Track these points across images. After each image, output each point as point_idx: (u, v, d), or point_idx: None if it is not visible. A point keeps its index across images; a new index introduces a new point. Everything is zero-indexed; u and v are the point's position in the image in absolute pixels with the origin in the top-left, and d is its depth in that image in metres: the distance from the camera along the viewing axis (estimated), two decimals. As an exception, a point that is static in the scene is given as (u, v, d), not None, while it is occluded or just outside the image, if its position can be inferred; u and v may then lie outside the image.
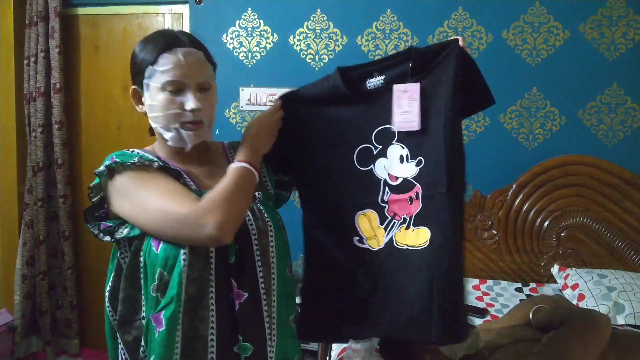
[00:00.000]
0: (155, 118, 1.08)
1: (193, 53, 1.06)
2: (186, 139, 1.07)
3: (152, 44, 1.06)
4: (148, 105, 1.08)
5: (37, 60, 2.83)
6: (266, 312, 1.08)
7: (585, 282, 2.15)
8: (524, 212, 2.45)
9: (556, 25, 2.44)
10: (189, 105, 1.04)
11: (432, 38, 2.54)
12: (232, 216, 0.98)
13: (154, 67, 1.04)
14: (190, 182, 1.09)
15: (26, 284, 2.90)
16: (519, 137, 2.52)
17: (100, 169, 1.04)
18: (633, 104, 2.41)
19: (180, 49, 1.04)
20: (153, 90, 1.05)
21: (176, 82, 1.04)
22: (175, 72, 1.03)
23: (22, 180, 2.94)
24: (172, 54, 1.03)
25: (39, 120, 2.85)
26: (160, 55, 1.03)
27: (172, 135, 1.07)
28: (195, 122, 1.06)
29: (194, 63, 1.05)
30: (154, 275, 1.01)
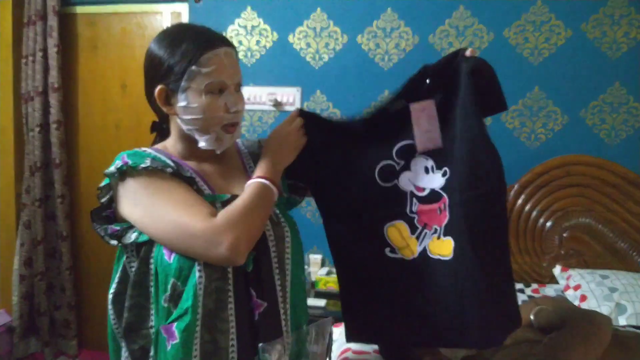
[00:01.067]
0: (191, 121, 1.02)
1: (230, 53, 1.03)
2: (224, 141, 1.04)
3: (187, 43, 1.00)
4: (181, 107, 1.01)
5: (35, 60, 2.82)
6: (284, 321, 1.05)
7: (587, 283, 2.14)
8: (526, 213, 2.44)
9: (558, 24, 2.42)
10: (233, 106, 1.02)
11: (433, 37, 2.53)
12: (247, 237, 0.95)
13: (198, 69, 0.98)
14: (204, 185, 1.05)
15: (24, 284, 2.88)
16: (521, 136, 2.50)
17: (110, 170, 1.01)
18: (635, 103, 2.40)
19: (220, 48, 1.00)
20: (193, 93, 1.00)
21: (221, 83, 1.00)
22: (219, 73, 1.00)
23: (20, 180, 2.92)
24: (214, 53, 0.99)
25: (36, 120, 2.84)
26: (202, 55, 0.99)
27: (208, 138, 1.03)
28: (235, 123, 1.05)
29: (232, 62, 1.03)
30: (166, 286, 0.97)
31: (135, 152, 1.04)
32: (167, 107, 1.05)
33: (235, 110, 1.02)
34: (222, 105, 1.01)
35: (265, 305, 1.02)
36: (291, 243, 1.09)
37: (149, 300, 1.01)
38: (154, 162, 1.00)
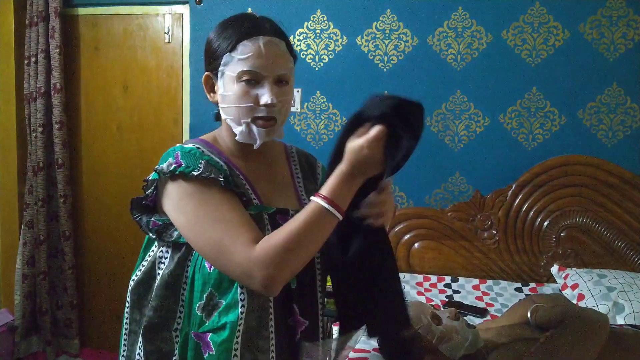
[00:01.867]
0: (226, 109, 0.99)
1: (275, 42, 0.96)
2: (256, 135, 0.97)
3: (231, 29, 0.97)
4: (220, 95, 0.99)
5: (37, 61, 2.83)
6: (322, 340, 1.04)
7: (585, 282, 2.15)
8: (524, 212, 2.45)
9: (556, 25, 2.44)
10: (263, 99, 0.94)
11: (432, 38, 2.54)
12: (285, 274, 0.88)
13: (232, 54, 0.95)
14: (253, 194, 1.00)
15: (26, 284, 2.90)
16: (519, 137, 2.52)
17: (162, 168, 0.95)
18: (633, 104, 2.41)
19: (262, 37, 0.95)
20: (227, 79, 0.96)
21: (253, 72, 0.94)
22: (253, 61, 0.94)
23: (23, 181, 2.94)
24: (253, 41, 0.94)
25: (39, 121, 2.86)
26: (239, 42, 0.95)
27: (241, 130, 0.98)
28: (269, 118, 0.96)
29: (274, 53, 0.96)
30: (203, 294, 0.94)
31: (190, 151, 0.97)
32: (211, 94, 1.03)
33: (266, 103, 0.94)
34: (253, 96, 0.95)
35: (306, 324, 1.00)
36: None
37: (179, 303, 0.99)
38: (208, 168, 0.94)
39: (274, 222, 0.99)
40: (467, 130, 2.56)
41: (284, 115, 0.99)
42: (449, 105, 2.56)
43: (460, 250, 2.50)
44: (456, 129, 2.57)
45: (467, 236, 2.50)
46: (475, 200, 2.50)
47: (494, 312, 2.11)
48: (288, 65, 0.98)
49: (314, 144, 2.70)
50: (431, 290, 2.34)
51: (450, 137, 2.58)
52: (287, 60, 0.98)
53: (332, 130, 2.68)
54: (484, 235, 2.49)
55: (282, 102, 0.97)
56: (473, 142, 2.56)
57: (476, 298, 2.27)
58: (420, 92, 2.58)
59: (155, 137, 2.94)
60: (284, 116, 0.99)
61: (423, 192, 2.62)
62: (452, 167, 2.58)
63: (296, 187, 1.10)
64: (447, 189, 2.60)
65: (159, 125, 2.94)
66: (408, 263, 2.55)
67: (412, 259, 2.55)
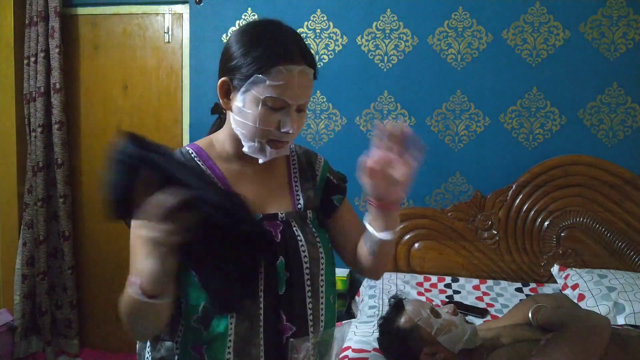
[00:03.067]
0: (241, 124, 0.97)
1: (307, 72, 0.96)
2: (267, 154, 0.98)
3: (264, 48, 0.93)
4: (237, 108, 0.97)
5: (37, 60, 2.83)
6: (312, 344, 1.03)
7: (586, 282, 2.15)
8: (524, 212, 2.45)
9: (556, 25, 2.44)
10: (285, 127, 0.95)
11: (432, 38, 2.54)
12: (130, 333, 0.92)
13: (264, 77, 0.92)
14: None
15: (26, 284, 2.90)
16: (519, 137, 2.52)
17: None
18: (633, 103, 2.41)
19: (297, 66, 0.93)
20: (251, 98, 0.94)
21: (281, 101, 0.94)
22: (284, 90, 0.93)
23: (22, 180, 2.93)
24: (288, 69, 0.92)
25: (38, 120, 2.85)
26: (274, 67, 0.92)
27: (252, 146, 0.98)
28: (284, 142, 0.98)
29: (305, 84, 0.96)
30: (197, 308, 0.96)
31: None
32: (225, 100, 1.01)
33: (286, 131, 0.95)
34: (275, 122, 0.95)
35: (293, 330, 1.00)
36: (325, 264, 1.05)
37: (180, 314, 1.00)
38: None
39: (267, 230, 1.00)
40: (468, 130, 2.56)
41: (295, 136, 1.01)
42: (449, 105, 2.56)
43: (461, 250, 2.50)
44: (456, 129, 2.57)
45: (468, 236, 2.50)
46: (476, 200, 2.50)
47: (495, 313, 2.11)
48: (310, 93, 0.99)
49: (314, 144, 2.70)
50: (431, 291, 2.34)
51: (451, 137, 2.58)
52: (311, 88, 0.99)
53: (332, 130, 2.68)
54: (485, 235, 2.49)
55: (297, 128, 0.98)
56: (473, 142, 2.56)
57: (476, 298, 2.27)
58: (420, 92, 2.58)
59: (155, 137, 2.89)
60: (294, 138, 1.01)
61: (423, 192, 2.62)
62: (452, 167, 2.58)
63: (292, 189, 1.09)
64: (447, 189, 2.60)
65: (158, 125, 2.94)
66: (408, 263, 2.55)
67: (412, 259, 2.55)
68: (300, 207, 1.07)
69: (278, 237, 1.00)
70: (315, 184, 1.13)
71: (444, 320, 1.47)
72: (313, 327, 1.02)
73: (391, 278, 2.44)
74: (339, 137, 2.67)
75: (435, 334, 1.44)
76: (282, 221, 1.02)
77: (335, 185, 1.16)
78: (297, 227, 1.03)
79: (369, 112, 2.64)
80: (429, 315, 1.47)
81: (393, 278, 2.44)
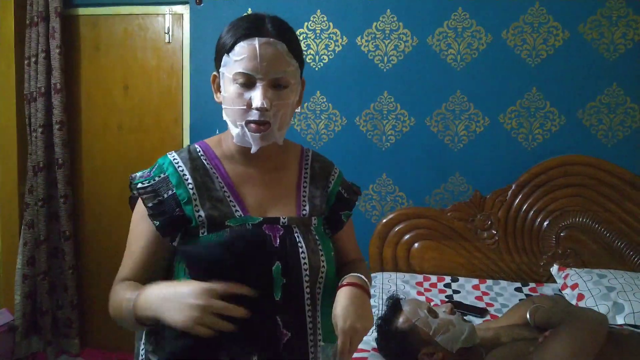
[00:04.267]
0: (225, 111, 0.98)
1: (272, 44, 0.93)
2: (250, 139, 0.95)
3: (233, 30, 0.96)
4: (222, 96, 0.98)
5: (37, 61, 2.84)
6: (312, 354, 1.00)
7: (585, 282, 2.15)
8: (524, 212, 2.46)
9: (555, 25, 2.44)
10: (255, 102, 0.92)
11: (432, 38, 2.55)
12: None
13: (229, 55, 0.94)
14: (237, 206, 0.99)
15: (27, 284, 2.90)
16: (519, 137, 2.52)
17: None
18: (632, 104, 2.41)
19: (258, 38, 0.92)
20: (226, 80, 0.96)
21: (246, 75, 0.92)
22: (247, 63, 0.92)
23: (23, 181, 2.94)
24: (248, 42, 0.92)
25: (39, 121, 2.86)
26: (236, 43, 0.93)
27: (237, 133, 0.96)
28: (262, 122, 0.94)
29: (271, 56, 0.93)
30: None
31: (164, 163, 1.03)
32: (217, 94, 1.02)
33: (257, 106, 0.92)
34: (246, 99, 0.93)
35: (288, 336, 0.96)
36: (326, 273, 1.02)
37: None
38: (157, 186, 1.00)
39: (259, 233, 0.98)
40: (467, 130, 2.56)
41: (282, 119, 0.97)
42: (449, 105, 2.57)
43: (460, 250, 2.51)
44: (456, 129, 2.57)
45: (467, 236, 2.50)
46: (475, 200, 2.50)
47: (494, 312, 2.12)
48: (287, 68, 0.95)
49: (314, 144, 2.70)
50: (431, 290, 2.34)
51: (450, 137, 2.58)
52: (286, 62, 0.95)
53: (332, 130, 2.69)
54: (484, 235, 2.49)
55: (277, 106, 0.94)
56: (473, 142, 2.56)
57: (476, 298, 2.27)
58: (420, 92, 2.58)
59: (156, 137, 2.95)
60: (281, 120, 0.97)
61: (423, 192, 2.62)
62: (452, 167, 2.59)
63: (299, 194, 1.07)
64: (447, 189, 2.60)
65: (159, 125, 2.94)
66: (408, 263, 2.56)
67: (412, 258, 2.55)
68: (305, 213, 1.04)
69: (277, 242, 0.98)
70: (325, 194, 1.10)
71: (441, 320, 1.47)
72: (312, 336, 1.00)
73: (391, 278, 2.44)
74: (339, 137, 2.68)
75: (433, 334, 1.45)
76: (283, 226, 1.00)
77: (346, 199, 1.14)
78: (299, 233, 1.00)
79: (369, 112, 2.64)
80: (426, 315, 1.48)
81: (393, 278, 2.44)
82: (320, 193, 1.09)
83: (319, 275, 1.00)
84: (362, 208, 2.68)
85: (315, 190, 1.09)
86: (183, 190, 0.98)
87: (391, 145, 2.64)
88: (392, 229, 2.56)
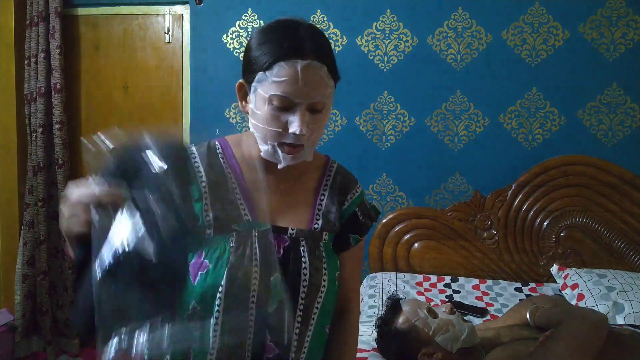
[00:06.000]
0: (255, 126, 0.94)
1: (314, 67, 0.88)
2: (281, 159, 0.93)
3: (271, 44, 0.89)
4: (251, 109, 0.94)
5: (37, 61, 2.83)
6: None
7: (585, 282, 2.15)
8: (524, 212, 2.46)
9: (556, 25, 2.44)
10: (292, 127, 0.89)
11: (432, 38, 2.55)
12: None
13: (266, 74, 0.88)
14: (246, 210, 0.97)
15: (27, 283, 2.90)
16: (519, 137, 2.52)
17: None
18: (633, 104, 2.41)
19: (300, 60, 0.87)
20: (259, 98, 0.91)
21: (285, 99, 0.88)
22: (287, 87, 0.87)
23: (23, 180, 2.94)
24: (290, 64, 0.86)
25: (39, 121, 2.86)
26: (276, 63, 0.87)
27: (267, 150, 0.93)
28: (295, 145, 0.91)
29: (312, 80, 0.88)
30: (189, 305, 0.92)
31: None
32: (242, 102, 0.98)
33: (294, 131, 0.89)
34: (283, 122, 0.89)
35: (276, 352, 0.94)
36: (325, 293, 0.98)
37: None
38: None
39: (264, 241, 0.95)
40: (467, 130, 2.56)
41: (314, 141, 0.94)
42: (449, 105, 2.57)
43: (460, 250, 2.51)
44: (456, 129, 2.57)
45: (467, 236, 2.50)
46: (475, 200, 2.50)
47: (494, 312, 2.12)
48: (325, 91, 0.90)
49: (314, 144, 2.70)
50: (431, 290, 2.34)
51: (450, 137, 2.58)
52: (325, 86, 0.90)
53: (332, 130, 2.69)
54: (484, 235, 2.49)
55: (312, 129, 0.91)
56: (473, 142, 2.56)
57: (476, 298, 2.27)
58: (420, 92, 2.58)
59: (156, 137, 2.94)
60: (313, 142, 0.94)
61: (423, 192, 2.63)
62: (452, 167, 2.59)
63: (314, 206, 1.03)
64: (447, 189, 2.60)
65: (159, 126, 2.94)
66: (408, 263, 2.56)
67: (412, 259, 2.55)
68: (317, 227, 1.00)
69: (280, 252, 0.95)
70: (340, 210, 1.05)
71: (441, 320, 1.47)
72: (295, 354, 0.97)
73: (391, 278, 2.44)
74: (339, 137, 2.68)
75: (432, 334, 1.45)
76: (290, 237, 0.97)
77: (360, 223, 1.08)
78: (305, 247, 0.97)
79: (369, 112, 2.64)
80: (426, 316, 1.48)
81: (393, 278, 2.44)
82: (336, 209, 1.05)
83: (318, 295, 0.97)
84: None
85: (332, 205, 1.05)
86: (195, 187, 0.96)
87: (391, 145, 2.64)
88: (392, 229, 2.56)
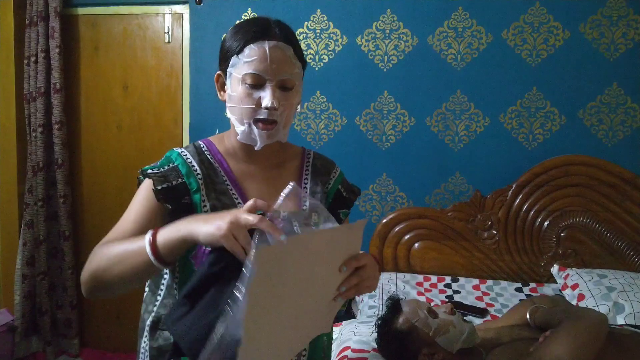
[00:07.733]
0: (231, 109, 1.02)
1: (281, 47, 0.99)
2: (257, 136, 1.01)
3: (242, 32, 1.00)
4: (228, 95, 1.03)
5: (37, 60, 2.83)
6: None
7: (585, 282, 2.15)
8: (524, 212, 2.45)
9: (556, 25, 2.44)
10: (264, 102, 0.98)
11: (432, 38, 2.54)
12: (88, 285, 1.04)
13: (238, 57, 0.99)
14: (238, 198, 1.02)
15: (26, 284, 2.90)
16: (519, 137, 2.52)
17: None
18: (633, 103, 2.41)
19: (269, 41, 0.98)
20: (234, 81, 1.00)
21: (256, 76, 0.98)
22: (257, 65, 0.97)
23: (22, 180, 2.94)
24: (259, 45, 0.97)
25: (39, 120, 2.86)
26: (246, 45, 0.98)
27: (243, 130, 1.01)
28: (269, 121, 0.99)
29: (280, 58, 0.98)
30: None
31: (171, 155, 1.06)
32: (221, 92, 1.07)
33: (266, 106, 0.97)
34: (256, 99, 0.98)
35: None
36: None
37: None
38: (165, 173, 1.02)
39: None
40: (467, 130, 2.56)
41: (287, 119, 1.02)
42: (449, 105, 2.56)
43: (461, 250, 2.50)
44: (456, 129, 2.57)
45: (468, 236, 2.50)
46: (476, 200, 2.50)
47: (494, 312, 2.11)
48: (293, 70, 1.01)
49: (314, 144, 2.70)
50: (431, 290, 2.34)
51: (450, 137, 2.58)
52: (293, 65, 1.00)
53: (332, 130, 2.68)
54: (484, 235, 2.49)
55: (284, 106, 1.00)
56: (473, 142, 2.56)
57: (476, 298, 2.27)
58: (420, 92, 2.58)
59: (155, 137, 2.94)
60: (286, 120, 1.02)
61: (423, 192, 2.62)
62: (452, 167, 2.58)
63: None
64: (447, 189, 2.60)
65: (158, 125, 2.94)
66: (408, 263, 2.55)
67: (412, 259, 2.55)
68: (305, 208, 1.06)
69: None
70: (325, 191, 1.14)
71: (441, 320, 1.47)
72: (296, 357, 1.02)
73: (391, 278, 2.44)
74: (339, 137, 2.68)
75: (433, 335, 1.44)
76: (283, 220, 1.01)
77: (344, 198, 1.17)
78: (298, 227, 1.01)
79: (369, 112, 2.64)
80: (426, 316, 1.47)
81: (393, 278, 2.44)
82: (321, 189, 1.13)
83: None
84: (362, 208, 2.68)
85: (316, 186, 1.13)
86: (193, 180, 1.02)
87: (391, 145, 2.63)
88: (393, 229, 2.56)
